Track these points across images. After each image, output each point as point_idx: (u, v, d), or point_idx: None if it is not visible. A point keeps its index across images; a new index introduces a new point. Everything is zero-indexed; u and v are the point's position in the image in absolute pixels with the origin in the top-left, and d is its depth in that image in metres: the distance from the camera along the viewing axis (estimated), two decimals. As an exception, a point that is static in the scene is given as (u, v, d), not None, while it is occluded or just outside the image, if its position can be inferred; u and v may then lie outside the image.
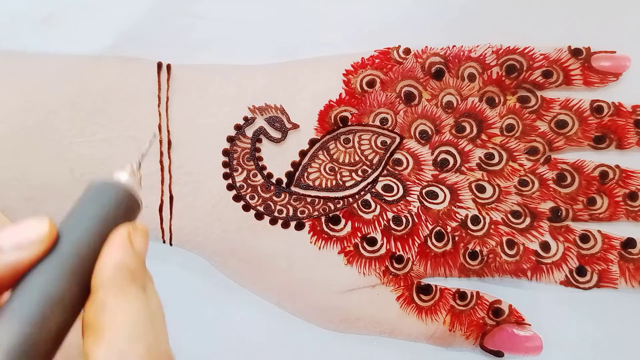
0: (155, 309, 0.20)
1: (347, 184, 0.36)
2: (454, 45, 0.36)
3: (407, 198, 0.36)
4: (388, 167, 0.36)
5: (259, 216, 0.36)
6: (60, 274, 0.19)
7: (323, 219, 0.36)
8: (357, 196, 0.36)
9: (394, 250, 0.36)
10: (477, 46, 0.36)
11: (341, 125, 0.36)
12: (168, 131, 0.36)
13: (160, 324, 0.20)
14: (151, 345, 0.19)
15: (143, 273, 0.21)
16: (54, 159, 0.35)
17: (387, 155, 0.36)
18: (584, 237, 0.36)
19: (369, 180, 0.36)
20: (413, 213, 0.36)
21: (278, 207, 0.36)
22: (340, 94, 0.36)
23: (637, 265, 0.35)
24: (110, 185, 0.22)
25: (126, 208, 0.22)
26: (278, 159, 0.36)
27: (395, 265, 0.36)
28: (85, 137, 0.35)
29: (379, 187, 0.36)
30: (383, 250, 0.36)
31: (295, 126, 0.36)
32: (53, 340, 0.19)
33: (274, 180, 0.36)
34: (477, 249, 0.36)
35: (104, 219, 0.21)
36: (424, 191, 0.36)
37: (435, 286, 0.36)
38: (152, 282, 0.21)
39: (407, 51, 0.36)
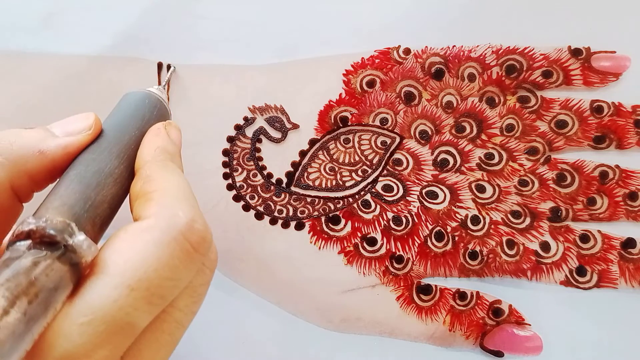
0: (189, 184, 0.22)
1: (347, 184, 0.36)
2: (454, 45, 0.36)
3: (407, 198, 0.36)
4: (388, 167, 0.36)
5: (259, 216, 0.36)
6: (109, 154, 0.22)
7: (323, 219, 0.36)
8: (357, 196, 0.36)
9: (394, 250, 0.36)
10: (477, 46, 0.36)
11: (341, 125, 0.36)
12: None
13: (194, 195, 0.22)
14: (193, 205, 0.21)
15: (179, 157, 0.24)
16: (54, 159, 0.35)
17: (387, 155, 0.36)
18: (584, 237, 0.36)
19: (369, 180, 0.36)
20: (413, 213, 0.36)
21: (278, 207, 0.36)
22: (340, 94, 0.36)
23: (637, 265, 0.35)
24: (145, 93, 0.25)
25: (158, 111, 0.25)
26: (278, 159, 0.36)
27: (395, 265, 0.36)
28: (85, 137, 0.35)
29: (379, 187, 0.36)
30: (383, 250, 0.36)
31: (295, 126, 0.36)
32: (108, 208, 0.21)
33: (274, 180, 0.36)
34: (477, 249, 0.36)
35: (140, 117, 0.24)
36: (424, 191, 0.36)
37: (435, 286, 0.36)
38: None
39: (407, 51, 0.36)
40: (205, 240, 0.20)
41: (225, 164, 0.36)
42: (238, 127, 0.36)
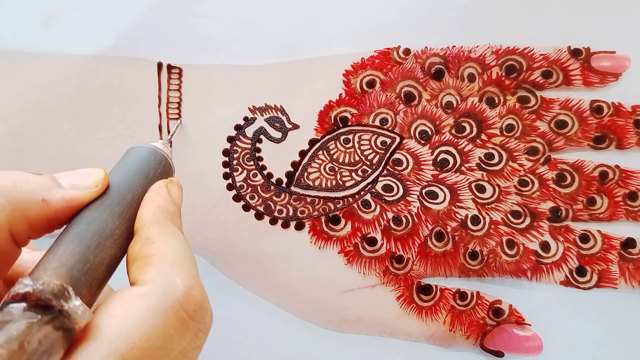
0: (189, 245, 0.22)
1: (347, 184, 0.36)
2: (454, 46, 0.36)
3: (407, 198, 0.36)
4: (388, 167, 0.36)
5: (259, 216, 0.36)
6: (111, 214, 0.22)
7: (323, 219, 0.36)
8: (357, 196, 0.36)
9: (394, 250, 0.36)
10: (477, 46, 0.36)
11: (341, 125, 0.36)
12: (168, 131, 0.36)
13: (193, 256, 0.22)
14: (192, 271, 0.21)
15: (179, 218, 0.24)
16: (54, 159, 0.35)
17: (387, 155, 0.36)
18: (584, 237, 0.36)
19: (369, 180, 0.36)
20: (413, 213, 0.36)
21: (278, 207, 0.36)
22: (340, 94, 0.36)
23: (637, 265, 0.35)
24: (150, 150, 0.26)
25: (163, 168, 0.25)
26: (278, 159, 0.36)
27: (395, 265, 0.36)
28: (86, 137, 0.35)
29: (379, 187, 0.36)
30: (383, 250, 0.36)
31: (295, 126, 0.36)
32: (106, 269, 0.21)
33: (274, 180, 0.36)
34: (477, 249, 0.36)
35: (145, 175, 0.24)
36: (424, 191, 0.36)
37: (436, 286, 0.36)
38: None
39: (407, 51, 0.36)
40: (202, 308, 0.20)
41: (225, 164, 0.36)
42: (238, 127, 0.36)
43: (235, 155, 0.36)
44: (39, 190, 0.21)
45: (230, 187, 0.36)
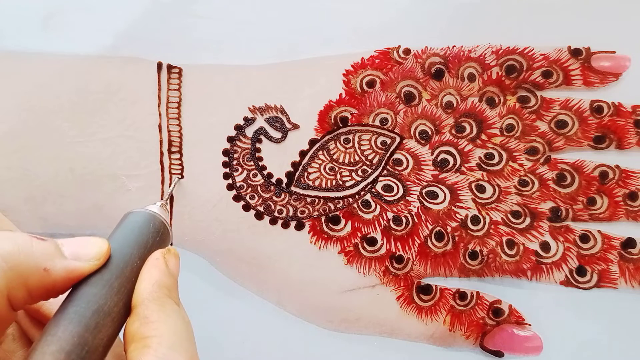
0: (187, 321, 0.23)
1: (347, 184, 0.36)
2: (454, 46, 0.36)
3: (407, 198, 0.36)
4: (388, 167, 0.36)
5: (259, 216, 0.36)
6: (110, 289, 0.22)
7: (323, 219, 0.36)
8: (357, 196, 0.36)
9: (394, 250, 0.36)
10: (477, 46, 0.36)
11: (341, 125, 0.36)
12: (168, 131, 0.36)
13: (192, 334, 0.23)
14: (191, 354, 0.21)
15: (176, 290, 0.24)
16: (54, 159, 0.35)
17: (387, 155, 0.36)
18: (584, 237, 0.36)
19: (369, 180, 0.36)
20: (413, 213, 0.36)
21: (278, 207, 0.36)
22: (340, 94, 0.36)
23: (637, 265, 0.35)
24: (149, 216, 0.26)
25: (161, 236, 0.25)
26: (278, 159, 0.36)
27: (395, 265, 0.36)
28: (85, 137, 0.35)
29: (379, 187, 0.36)
30: (383, 250, 0.36)
31: (295, 126, 0.36)
32: (103, 349, 0.21)
33: (274, 180, 0.36)
34: (477, 249, 0.36)
35: (143, 245, 0.24)
36: (424, 191, 0.36)
37: (435, 286, 0.36)
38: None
39: (407, 51, 0.36)
40: None
41: (225, 164, 0.36)
42: (238, 127, 0.36)
43: (235, 155, 0.36)
44: (42, 258, 0.21)
45: (230, 187, 0.36)
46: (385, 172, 0.36)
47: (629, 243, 0.35)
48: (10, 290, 0.20)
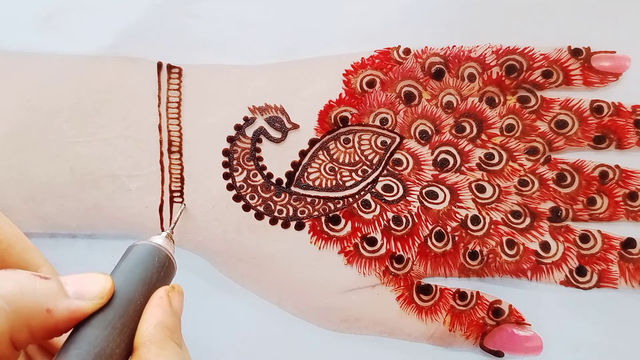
0: None
1: (347, 184, 0.36)
2: (454, 45, 0.36)
3: (407, 198, 0.36)
4: (388, 167, 0.36)
5: (259, 216, 0.36)
6: (113, 330, 0.22)
7: (323, 219, 0.36)
8: (357, 196, 0.36)
9: (394, 250, 0.36)
10: (477, 46, 0.36)
11: (341, 125, 0.36)
12: (168, 131, 0.36)
13: None
14: None
15: (179, 330, 0.24)
16: (54, 159, 0.35)
17: (387, 155, 0.36)
18: (584, 237, 0.36)
19: (369, 180, 0.36)
20: (413, 213, 0.36)
21: (278, 207, 0.36)
22: (340, 94, 0.36)
23: (637, 265, 0.35)
24: (154, 250, 0.25)
25: (166, 270, 0.25)
26: (278, 159, 0.36)
27: (395, 265, 0.36)
28: (85, 137, 0.35)
29: (379, 187, 0.36)
30: (383, 250, 0.36)
31: (295, 126, 0.36)
32: None
33: (274, 180, 0.36)
34: (477, 249, 0.36)
35: (147, 282, 0.24)
36: (424, 191, 0.36)
37: (435, 286, 0.36)
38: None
39: (407, 51, 0.36)
40: None
41: (225, 164, 0.36)
42: (238, 127, 0.36)
43: (235, 155, 0.36)
44: (44, 299, 0.21)
45: (230, 187, 0.36)
46: (385, 172, 0.36)
47: (629, 243, 0.35)
48: (12, 332, 0.20)
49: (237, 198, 0.36)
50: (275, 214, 0.36)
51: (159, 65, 0.36)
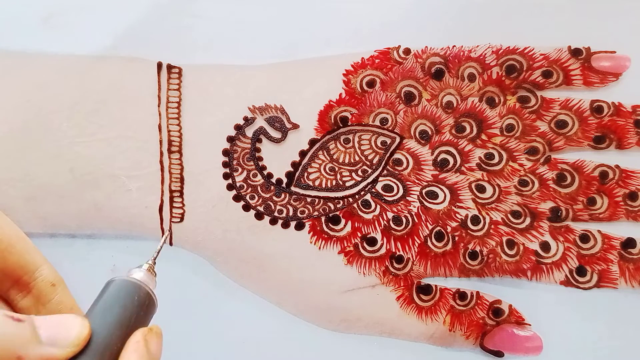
0: None
1: (347, 184, 0.36)
2: (454, 45, 0.36)
3: (407, 198, 0.36)
4: (388, 167, 0.36)
5: (259, 216, 0.36)
6: None
7: (323, 219, 0.36)
8: (357, 196, 0.36)
9: (394, 250, 0.36)
10: (477, 46, 0.36)
11: (341, 125, 0.36)
12: (168, 131, 0.36)
13: None
14: None
15: None
16: (54, 159, 0.35)
17: (387, 155, 0.36)
18: (584, 237, 0.36)
19: (369, 180, 0.36)
20: (413, 213, 0.36)
21: (278, 207, 0.36)
22: (340, 94, 0.36)
23: (637, 265, 0.35)
24: (134, 287, 0.24)
25: (146, 309, 0.24)
26: (278, 159, 0.36)
27: (395, 265, 0.36)
28: (85, 137, 0.35)
29: (379, 187, 0.36)
30: (383, 250, 0.36)
31: (295, 126, 0.36)
32: None
33: (274, 180, 0.36)
34: (477, 249, 0.36)
35: (125, 324, 0.23)
36: (424, 191, 0.36)
37: (435, 286, 0.36)
38: None
39: (407, 51, 0.36)
40: None
41: (225, 164, 0.36)
42: (238, 127, 0.36)
43: (235, 155, 0.36)
44: (15, 346, 0.20)
45: (230, 187, 0.36)
46: (385, 172, 0.36)
47: (629, 243, 0.35)
48: None
49: (237, 198, 0.36)
50: (275, 214, 0.36)
51: (159, 65, 0.36)
